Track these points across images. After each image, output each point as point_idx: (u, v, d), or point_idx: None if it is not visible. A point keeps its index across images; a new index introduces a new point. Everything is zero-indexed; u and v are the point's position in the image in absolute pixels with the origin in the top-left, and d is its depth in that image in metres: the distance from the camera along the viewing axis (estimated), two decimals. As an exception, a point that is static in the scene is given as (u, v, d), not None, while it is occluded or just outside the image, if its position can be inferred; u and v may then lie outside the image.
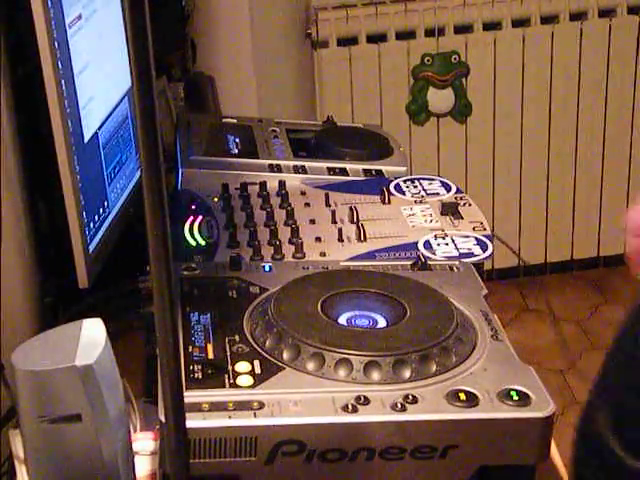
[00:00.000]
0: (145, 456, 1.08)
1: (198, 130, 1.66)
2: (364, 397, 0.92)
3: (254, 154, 1.56)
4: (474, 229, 1.33)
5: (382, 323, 1.05)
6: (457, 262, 1.22)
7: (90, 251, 1.24)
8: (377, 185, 1.46)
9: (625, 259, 1.30)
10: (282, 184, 1.45)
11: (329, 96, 2.86)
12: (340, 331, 1.01)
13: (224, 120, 1.75)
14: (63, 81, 1.16)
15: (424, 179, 1.50)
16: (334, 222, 1.35)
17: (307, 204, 1.41)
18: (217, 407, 0.90)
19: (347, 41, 2.84)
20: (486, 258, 1.27)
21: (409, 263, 1.20)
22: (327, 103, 2.85)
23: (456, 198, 1.42)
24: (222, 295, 1.10)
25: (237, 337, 1.01)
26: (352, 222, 1.34)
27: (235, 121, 1.73)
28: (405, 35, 2.87)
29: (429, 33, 2.87)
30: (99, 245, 1.28)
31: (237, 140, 1.61)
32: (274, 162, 1.52)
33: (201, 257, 1.23)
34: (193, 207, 1.38)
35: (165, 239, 0.65)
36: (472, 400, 0.92)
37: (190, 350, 0.98)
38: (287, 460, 0.90)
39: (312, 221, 1.35)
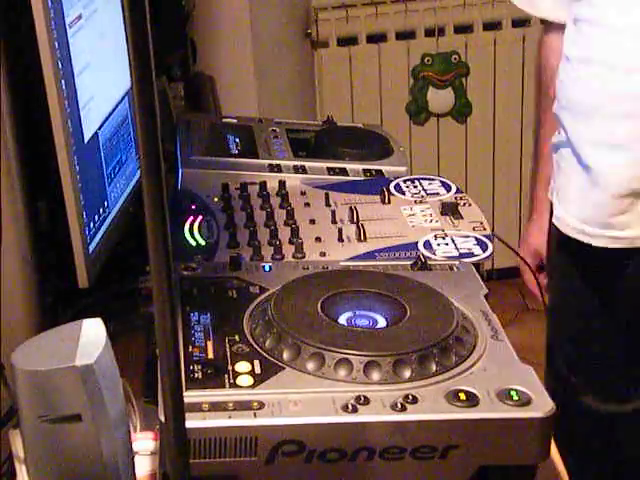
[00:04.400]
0: (145, 456, 1.08)
1: (198, 130, 1.66)
2: (364, 397, 0.92)
3: (254, 154, 1.56)
4: (474, 229, 1.33)
5: (382, 323, 1.05)
6: (457, 262, 1.22)
7: (90, 251, 1.24)
8: (377, 185, 1.46)
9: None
10: (282, 184, 1.45)
11: (329, 96, 2.86)
12: (340, 331, 1.01)
13: (224, 120, 1.75)
14: (63, 81, 1.16)
15: (424, 179, 1.50)
16: (334, 222, 1.35)
17: (307, 204, 1.41)
18: (217, 407, 0.90)
19: (347, 41, 2.84)
20: (486, 258, 1.27)
21: (409, 263, 1.20)
22: (327, 103, 2.85)
23: (456, 198, 1.42)
24: (222, 295, 1.10)
25: (237, 337, 1.01)
26: (352, 222, 1.34)
27: (235, 121, 1.73)
28: (405, 35, 2.87)
29: (429, 33, 2.87)
30: (99, 245, 1.28)
31: (237, 140, 1.61)
32: (274, 162, 1.52)
33: (201, 257, 1.23)
34: (193, 207, 1.38)
35: (165, 239, 0.65)
36: (472, 400, 0.92)
37: (190, 350, 0.98)
38: (287, 460, 0.90)
39: (312, 221, 1.35)
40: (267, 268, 1.18)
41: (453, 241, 1.30)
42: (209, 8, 2.49)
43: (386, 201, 1.41)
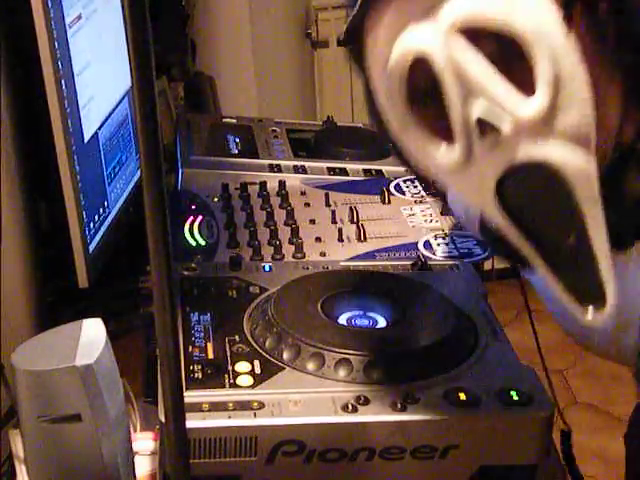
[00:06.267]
0: (145, 456, 1.08)
1: (198, 130, 1.66)
2: (364, 397, 0.92)
3: (254, 154, 1.56)
4: (474, 229, 1.33)
5: (382, 323, 1.05)
6: (457, 262, 1.22)
7: (90, 251, 1.24)
8: (377, 185, 1.45)
9: None
10: (282, 184, 1.44)
11: (329, 96, 2.86)
12: (340, 331, 1.01)
13: (224, 120, 1.75)
14: (63, 81, 1.16)
15: (424, 179, 1.49)
16: (334, 222, 1.35)
17: (307, 204, 1.41)
18: (217, 407, 0.90)
19: (347, 41, 2.84)
20: (486, 258, 1.27)
21: (409, 263, 1.20)
22: (327, 103, 2.85)
23: (456, 198, 1.42)
24: (222, 295, 1.10)
25: (237, 337, 1.01)
26: (352, 222, 1.34)
27: (235, 121, 1.72)
28: (405, 35, 2.87)
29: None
30: (99, 245, 1.28)
31: (237, 140, 1.61)
32: (274, 162, 1.52)
33: (201, 257, 1.23)
34: (193, 207, 1.38)
35: (165, 239, 0.65)
36: (472, 400, 0.92)
37: (190, 350, 0.98)
38: (287, 460, 0.90)
39: (312, 221, 1.35)
40: (267, 268, 1.18)
41: (453, 241, 1.30)
42: (209, 8, 2.49)
43: (386, 201, 1.41)
